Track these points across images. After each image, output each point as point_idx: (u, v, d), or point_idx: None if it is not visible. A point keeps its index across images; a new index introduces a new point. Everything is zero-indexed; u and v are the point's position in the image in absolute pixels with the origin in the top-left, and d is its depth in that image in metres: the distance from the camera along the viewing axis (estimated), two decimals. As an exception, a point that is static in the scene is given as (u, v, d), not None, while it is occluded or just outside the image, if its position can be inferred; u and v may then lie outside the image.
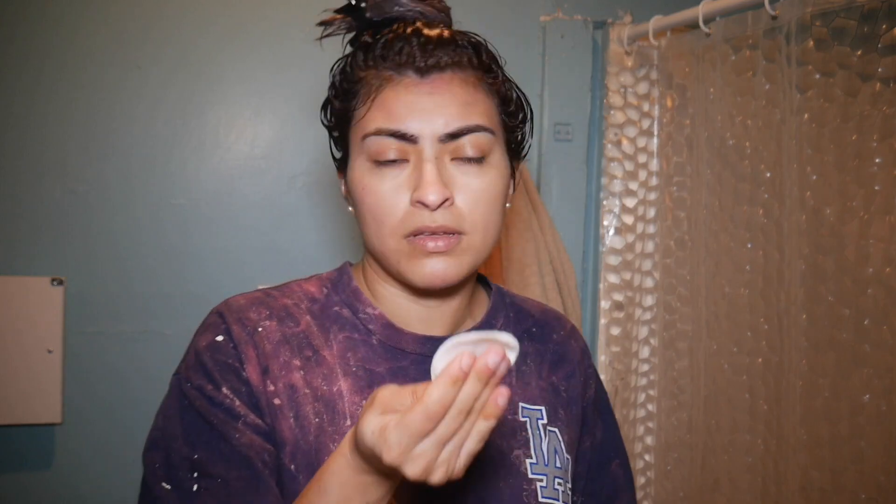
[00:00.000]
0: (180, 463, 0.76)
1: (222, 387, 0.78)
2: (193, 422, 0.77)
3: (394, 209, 0.78)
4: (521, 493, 0.83)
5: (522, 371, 0.89)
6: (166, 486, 0.75)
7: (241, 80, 1.73)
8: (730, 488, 1.66)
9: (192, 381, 0.79)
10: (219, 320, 0.82)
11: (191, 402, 0.78)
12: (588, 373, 0.96)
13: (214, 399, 0.77)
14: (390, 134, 0.77)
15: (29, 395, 1.58)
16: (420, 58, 0.77)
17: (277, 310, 0.83)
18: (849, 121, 1.39)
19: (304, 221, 1.78)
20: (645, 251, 1.95)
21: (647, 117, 1.93)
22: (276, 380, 0.79)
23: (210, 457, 0.75)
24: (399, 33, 0.79)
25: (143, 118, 1.68)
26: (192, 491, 0.74)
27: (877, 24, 1.32)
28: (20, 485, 1.63)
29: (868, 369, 1.37)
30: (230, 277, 1.71)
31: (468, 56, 0.79)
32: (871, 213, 1.37)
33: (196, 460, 0.75)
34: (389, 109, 0.77)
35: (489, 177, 0.79)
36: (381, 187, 0.78)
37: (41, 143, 1.63)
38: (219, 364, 0.79)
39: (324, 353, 0.82)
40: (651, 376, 1.96)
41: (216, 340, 0.80)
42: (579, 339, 0.98)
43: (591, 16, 1.94)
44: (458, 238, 0.78)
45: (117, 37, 1.66)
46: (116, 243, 1.67)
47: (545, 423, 0.87)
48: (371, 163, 0.79)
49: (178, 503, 0.74)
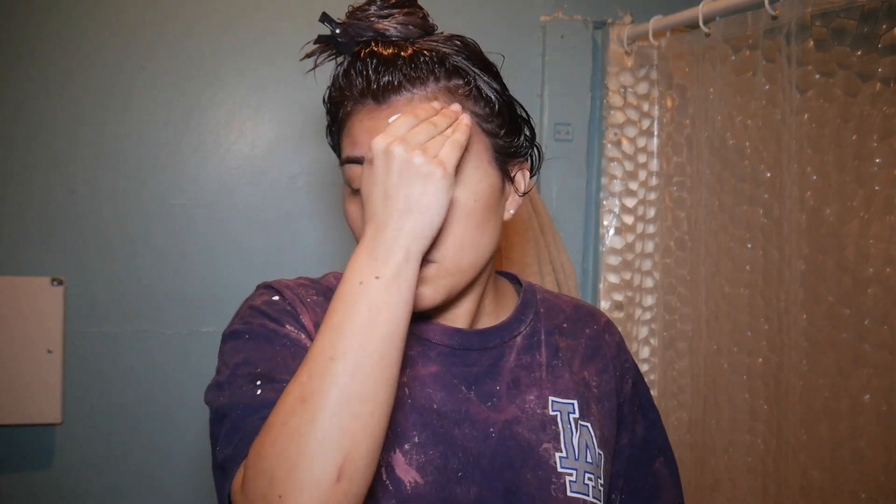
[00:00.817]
0: (242, 381, 0.75)
1: (285, 324, 0.79)
2: (258, 347, 0.77)
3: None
4: (549, 486, 0.83)
5: (554, 365, 0.89)
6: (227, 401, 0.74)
7: (241, 80, 1.73)
8: (730, 488, 1.66)
9: (252, 322, 0.79)
10: (269, 289, 0.83)
11: (252, 335, 0.78)
12: (625, 367, 0.96)
13: (278, 332, 0.78)
14: (355, 161, 0.79)
15: (29, 395, 1.59)
16: (374, 83, 0.77)
17: (323, 290, 0.86)
18: (849, 121, 1.39)
19: (304, 221, 1.78)
20: (645, 251, 1.95)
21: (647, 117, 1.93)
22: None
23: (275, 367, 0.75)
24: (356, 58, 0.80)
25: (144, 118, 1.68)
26: (257, 395, 0.73)
27: (877, 24, 1.32)
28: (20, 485, 1.63)
29: (868, 369, 1.37)
30: (230, 278, 1.71)
31: (428, 70, 0.78)
32: (871, 213, 1.37)
33: (259, 373, 0.75)
34: (353, 137, 0.79)
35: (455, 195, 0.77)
36: (355, 213, 0.81)
37: (41, 144, 1.63)
38: (278, 310, 0.80)
39: None
40: (651, 376, 1.96)
41: (272, 299, 0.82)
42: (614, 334, 0.98)
43: (591, 16, 1.94)
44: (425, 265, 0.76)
45: (117, 37, 1.66)
46: (116, 243, 1.67)
47: (577, 417, 0.87)
48: (348, 188, 0.82)
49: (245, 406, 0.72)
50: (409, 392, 0.81)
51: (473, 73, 0.80)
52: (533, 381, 0.87)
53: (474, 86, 0.80)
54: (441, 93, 0.78)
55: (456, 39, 0.82)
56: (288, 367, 0.74)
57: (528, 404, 0.85)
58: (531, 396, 0.85)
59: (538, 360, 0.88)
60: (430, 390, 0.82)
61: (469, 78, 0.80)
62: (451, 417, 0.81)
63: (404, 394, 0.80)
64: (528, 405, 0.85)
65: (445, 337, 0.84)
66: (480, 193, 0.79)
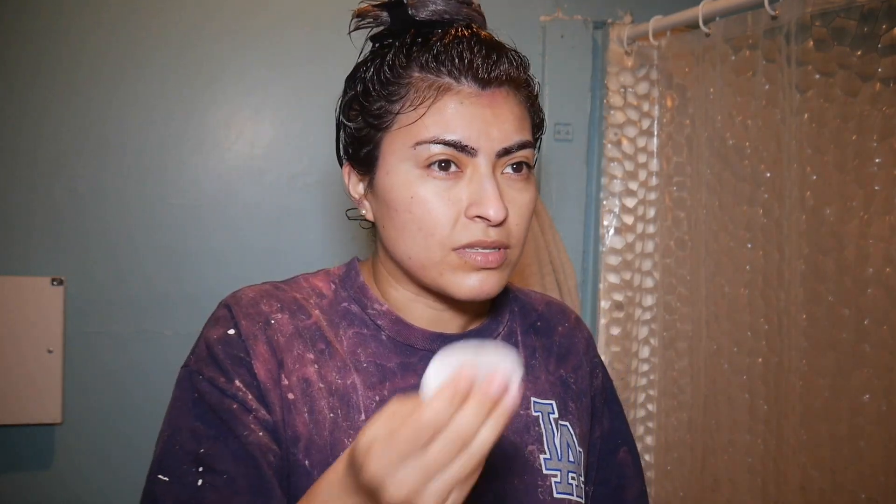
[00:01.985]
0: (184, 456, 0.74)
1: (235, 380, 0.76)
2: (203, 415, 0.75)
3: (446, 221, 0.76)
4: (536, 490, 0.82)
5: (532, 365, 0.89)
6: (163, 478, 0.74)
7: (241, 80, 1.73)
8: (730, 488, 1.66)
9: (204, 373, 0.77)
10: (228, 314, 0.80)
11: (201, 396, 0.76)
12: (594, 362, 0.96)
13: (227, 391, 0.75)
14: (449, 144, 0.75)
15: (29, 395, 1.59)
16: (482, 68, 0.76)
17: (288, 302, 0.82)
18: (849, 121, 1.39)
19: (304, 221, 1.78)
20: (645, 251, 1.95)
21: (647, 117, 1.93)
22: (289, 374, 0.77)
23: (217, 452, 0.73)
24: (457, 37, 0.77)
25: (144, 118, 1.68)
26: (196, 485, 0.72)
27: (877, 24, 1.32)
28: (20, 485, 1.63)
29: (868, 369, 1.37)
30: (230, 278, 1.71)
31: (521, 69, 0.80)
32: (871, 213, 1.37)
33: (202, 454, 0.74)
34: (448, 119, 0.75)
35: (531, 192, 0.80)
36: (434, 198, 0.75)
37: (41, 143, 1.63)
38: (230, 357, 0.77)
39: (336, 345, 0.81)
40: (651, 376, 1.96)
41: (228, 334, 0.78)
42: (584, 330, 0.98)
43: (591, 16, 1.94)
44: (504, 253, 0.78)
45: (117, 36, 1.66)
46: (116, 243, 1.67)
47: (556, 417, 0.87)
48: (421, 170, 0.76)
49: (176, 497, 0.72)
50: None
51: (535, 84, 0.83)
52: None
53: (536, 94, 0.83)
54: (523, 96, 0.81)
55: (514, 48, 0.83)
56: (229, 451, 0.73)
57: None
58: None
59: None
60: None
61: (532, 86, 0.83)
62: None
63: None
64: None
65: (428, 342, 0.83)
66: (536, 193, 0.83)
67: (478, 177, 0.75)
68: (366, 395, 0.78)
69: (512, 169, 0.78)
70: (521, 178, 0.79)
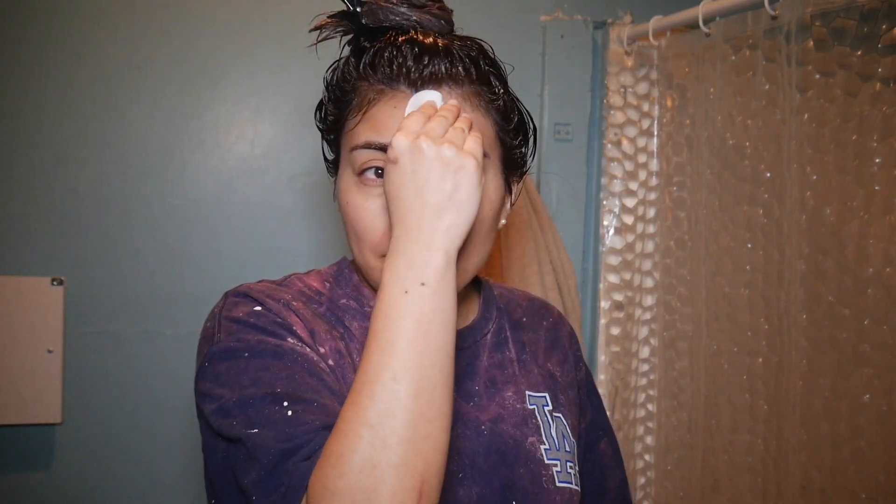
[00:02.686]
0: (261, 403, 0.68)
1: (286, 338, 0.74)
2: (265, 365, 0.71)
3: (374, 229, 0.76)
4: (540, 479, 0.83)
5: (523, 360, 0.90)
6: (254, 430, 0.67)
7: (241, 80, 1.73)
8: (730, 488, 1.66)
9: (248, 339, 0.73)
10: (245, 298, 0.78)
11: (254, 353, 0.72)
12: (577, 356, 0.98)
13: (283, 346, 0.73)
14: (377, 147, 0.75)
15: (29, 395, 1.58)
16: (414, 70, 0.75)
17: (296, 294, 0.82)
18: (849, 121, 1.39)
19: (304, 221, 1.78)
20: (645, 251, 1.95)
21: (647, 117, 1.93)
22: (323, 343, 0.77)
23: (297, 386, 0.69)
24: (391, 42, 0.76)
25: (144, 118, 1.68)
26: (288, 416, 0.67)
27: (877, 24, 1.32)
28: (20, 485, 1.63)
29: (868, 369, 1.37)
30: (230, 277, 1.70)
31: (465, 69, 0.76)
32: (871, 213, 1.37)
33: (280, 392, 0.69)
34: (378, 123, 0.75)
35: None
36: (364, 204, 0.76)
37: (41, 143, 1.63)
38: (270, 324, 0.75)
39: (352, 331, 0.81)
40: (651, 376, 1.96)
41: (255, 310, 0.76)
42: (566, 324, 1.00)
43: (591, 16, 1.94)
44: None
45: (117, 37, 1.66)
46: (116, 243, 1.67)
47: (550, 409, 0.89)
48: (357, 176, 0.77)
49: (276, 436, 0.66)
50: None
51: (499, 82, 0.79)
52: (507, 377, 0.87)
53: (501, 95, 0.79)
54: (473, 96, 0.77)
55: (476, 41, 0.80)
56: (311, 386, 0.70)
57: (508, 401, 0.86)
58: (509, 393, 0.86)
59: (509, 357, 0.89)
60: None
61: (495, 86, 0.79)
62: None
63: None
64: (508, 402, 0.86)
65: None
66: (494, 202, 0.79)
67: None
68: None
69: None
70: None
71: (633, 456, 1.93)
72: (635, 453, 1.94)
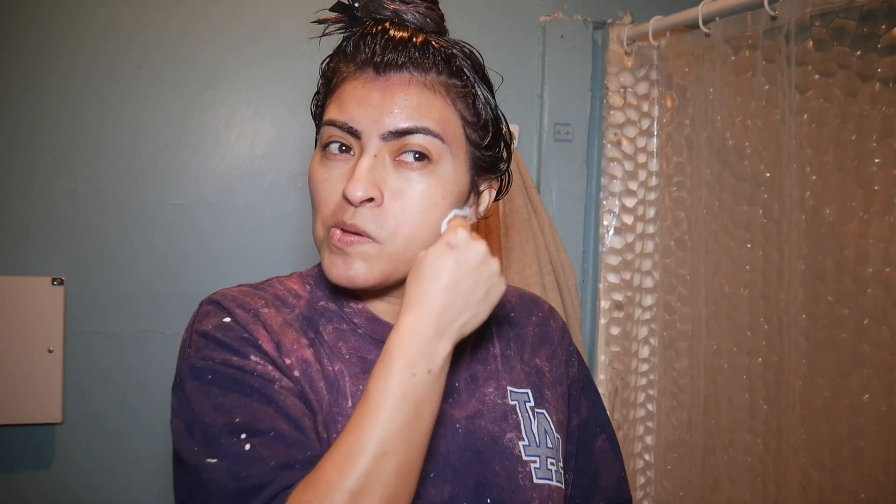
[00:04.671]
0: (219, 433, 0.70)
1: (250, 356, 0.75)
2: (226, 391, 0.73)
3: (328, 200, 0.78)
4: (516, 475, 0.84)
5: (507, 356, 0.91)
6: (212, 460, 0.69)
7: (241, 81, 1.73)
8: (729, 488, 1.66)
9: (214, 357, 0.75)
10: (217, 307, 0.80)
11: (216, 375, 0.74)
12: (569, 351, 0.98)
13: (245, 368, 0.74)
14: (338, 126, 0.78)
15: (29, 395, 1.59)
16: (379, 54, 0.78)
17: (270, 299, 0.83)
18: (848, 121, 1.39)
19: (305, 221, 1.78)
20: (645, 251, 1.96)
21: (646, 117, 1.93)
22: (289, 354, 0.78)
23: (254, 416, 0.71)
24: (367, 31, 0.80)
25: (144, 118, 1.68)
26: (245, 451, 0.69)
27: (876, 24, 1.32)
28: (20, 485, 1.63)
29: (868, 369, 1.37)
30: (231, 277, 1.70)
31: (433, 59, 0.78)
32: (870, 213, 1.37)
33: (239, 423, 0.71)
34: (341, 102, 0.78)
35: (427, 184, 0.77)
36: (324, 177, 0.79)
37: (41, 144, 1.63)
38: (235, 339, 0.76)
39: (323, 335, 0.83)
40: (651, 376, 1.96)
41: (223, 322, 0.78)
42: (558, 319, 1.00)
43: (591, 16, 1.94)
44: (366, 242, 0.76)
45: (117, 37, 1.66)
46: (116, 243, 1.67)
47: (532, 405, 0.89)
48: (321, 151, 0.80)
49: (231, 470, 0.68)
50: None
51: (473, 80, 0.82)
52: (490, 373, 0.88)
53: (471, 91, 0.81)
54: (439, 86, 0.79)
55: (465, 46, 0.83)
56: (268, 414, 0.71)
57: (488, 397, 0.86)
58: (490, 389, 0.87)
59: (493, 353, 0.90)
60: None
61: (468, 82, 0.81)
62: None
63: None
64: (488, 398, 0.86)
65: None
66: (449, 192, 0.79)
67: (358, 158, 0.77)
68: (351, 383, 0.80)
69: (412, 157, 0.77)
70: (416, 168, 0.77)
71: (633, 456, 1.93)
72: (635, 453, 1.94)
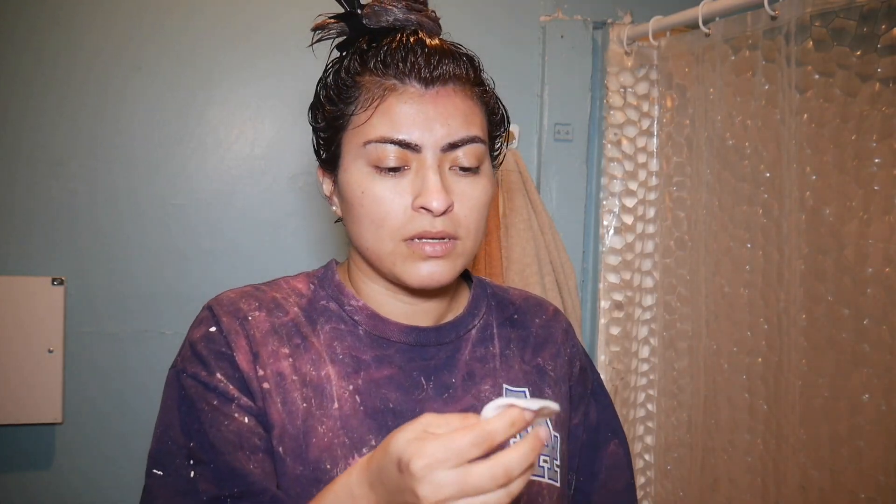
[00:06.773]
0: (176, 451, 0.80)
1: (216, 373, 0.81)
2: (189, 411, 0.81)
3: (394, 213, 0.81)
4: None
5: (506, 355, 0.92)
6: (158, 472, 0.79)
7: (241, 81, 1.73)
8: (729, 488, 1.66)
9: (188, 370, 0.82)
10: (209, 314, 0.86)
11: (186, 392, 0.81)
12: (572, 351, 0.99)
13: (209, 384, 0.81)
14: (394, 142, 0.80)
15: (29, 395, 1.59)
16: (425, 68, 0.80)
17: (266, 302, 0.87)
18: (848, 121, 1.39)
19: (304, 221, 1.78)
20: (645, 251, 1.96)
21: (646, 117, 1.93)
22: (264, 366, 0.83)
23: (201, 444, 0.79)
24: (402, 42, 0.82)
25: (144, 118, 1.68)
26: (189, 478, 0.78)
27: (876, 25, 1.32)
28: (20, 484, 1.63)
29: (867, 369, 1.37)
30: (231, 277, 1.71)
31: (467, 68, 0.83)
32: (870, 213, 1.37)
33: (192, 448, 0.79)
34: (393, 118, 0.80)
35: (482, 185, 0.83)
36: (382, 192, 0.81)
37: (42, 144, 1.63)
38: (213, 353, 0.82)
39: (312, 340, 0.85)
40: (651, 376, 1.96)
41: (209, 332, 0.84)
42: (562, 321, 1.01)
43: (591, 16, 1.94)
44: (453, 243, 0.82)
45: (117, 37, 1.66)
46: (117, 243, 1.67)
47: None
48: (371, 168, 0.81)
49: (171, 489, 0.78)
50: (360, 400, 0.83)
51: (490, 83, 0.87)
52: (487, 371, 0.90)
53: (492, 92, 0.87)
54: (474, 92, 0.84)
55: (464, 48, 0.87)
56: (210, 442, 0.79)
57: (484, 393, 0.88)
58: (486, 386, 0.88)
59: (492, 352, 0.91)
60: (386, 391, 0.84)
61: (488, 86, 0.87)
62: (407, 416, 0.83)
63: (356, 402, 0.82)
64: (484, 394, 0.88)
65: (404, 335, 0.87)
66: (493, 187, 0.86)
67: (423, 171, 0.80)
68: (339, 385, 0.83)
69: (467, 163, 0.82)
70: (472, 172, 0.83)
71: (633, 456, 1.93)
72: (635, 453, 1.95)
